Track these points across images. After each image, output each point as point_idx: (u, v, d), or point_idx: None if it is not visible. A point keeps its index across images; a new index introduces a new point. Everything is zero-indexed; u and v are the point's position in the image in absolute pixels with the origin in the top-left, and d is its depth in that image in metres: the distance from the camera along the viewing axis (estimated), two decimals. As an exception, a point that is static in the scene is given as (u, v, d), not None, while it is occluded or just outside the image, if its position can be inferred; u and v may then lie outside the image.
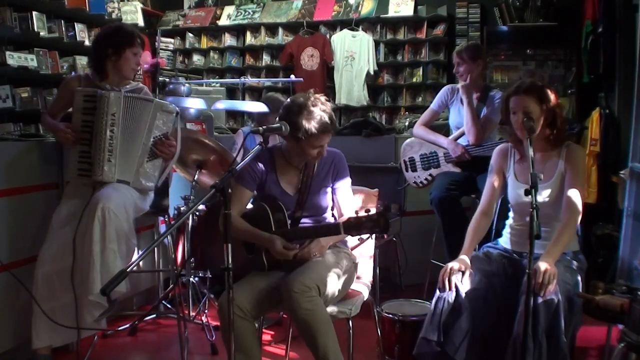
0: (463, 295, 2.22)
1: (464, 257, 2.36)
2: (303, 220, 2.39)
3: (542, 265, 2.09)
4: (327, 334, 2.11)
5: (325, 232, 2.29)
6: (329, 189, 2.43)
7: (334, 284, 2.25)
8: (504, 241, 2.53)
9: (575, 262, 2.33)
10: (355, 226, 2.13)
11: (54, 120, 2.74)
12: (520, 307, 2.12)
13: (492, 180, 2.53)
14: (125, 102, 2.60)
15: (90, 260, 2.39)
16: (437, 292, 2.29)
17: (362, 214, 2.13)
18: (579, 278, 2.26)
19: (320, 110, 2.25)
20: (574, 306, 2.15)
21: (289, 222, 2.32)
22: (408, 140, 3.63)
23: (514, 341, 2.11)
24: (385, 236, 2.75)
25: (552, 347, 2.04)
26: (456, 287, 2.24)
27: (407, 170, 3.58)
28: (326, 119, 2.26)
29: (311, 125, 2.23)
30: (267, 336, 3.18)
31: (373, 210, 2.24)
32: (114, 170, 2.59)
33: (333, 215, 2.48)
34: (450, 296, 2.23)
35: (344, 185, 2.45)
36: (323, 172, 2.42)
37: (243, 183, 2.37)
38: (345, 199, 2.44)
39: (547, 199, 2.36)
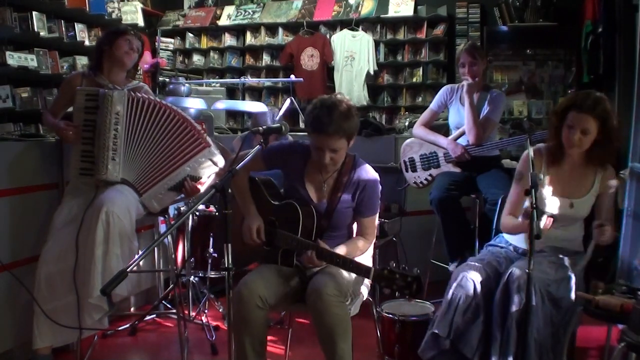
0: (480, 295, 2.22)
1: None
2: (328, 233, 2.30)
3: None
4: (347, 342, 2.09)
5: (353, 269, 2.12)
6: (351, 209, 2.31)
7: (359, 294, 2.30)
8: (513, 239, 2.50)
9: (567, 259, 2.32)
10: (386, 279, 2.01)
11: (55, 119, 2.74)
12: (497, 296, 2.19)
13: (518, 188, 2.42)
14: (131, 101, 2.61)
15: (92, 263, 2.39)
16: (452, 289, 2.27)
17: (397, 270, 2.00)
18: (570, 274, 2.25)
19: (323, 107, 2.11)
20: (560, 302, 2.15)
21: (314, 230, 2.26)
22: (408, 141, 3.62)
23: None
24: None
25: (521, 341, 2.05)
26: (474, 285, 2.23)
27: (407, 171, 3.58)
28: (323, 117, 2.09)
29: (307, 120, 2.16)
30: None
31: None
32: (118, 169, 2.60)
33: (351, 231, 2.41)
34: (468, 294, 2.22)
35: (370, 213, 2.33)
36: (351, 189, 2.28)
37: (265, 157, 2.30)
38: (369, 227, 2.34)
39: (578, 213, 2.36)
